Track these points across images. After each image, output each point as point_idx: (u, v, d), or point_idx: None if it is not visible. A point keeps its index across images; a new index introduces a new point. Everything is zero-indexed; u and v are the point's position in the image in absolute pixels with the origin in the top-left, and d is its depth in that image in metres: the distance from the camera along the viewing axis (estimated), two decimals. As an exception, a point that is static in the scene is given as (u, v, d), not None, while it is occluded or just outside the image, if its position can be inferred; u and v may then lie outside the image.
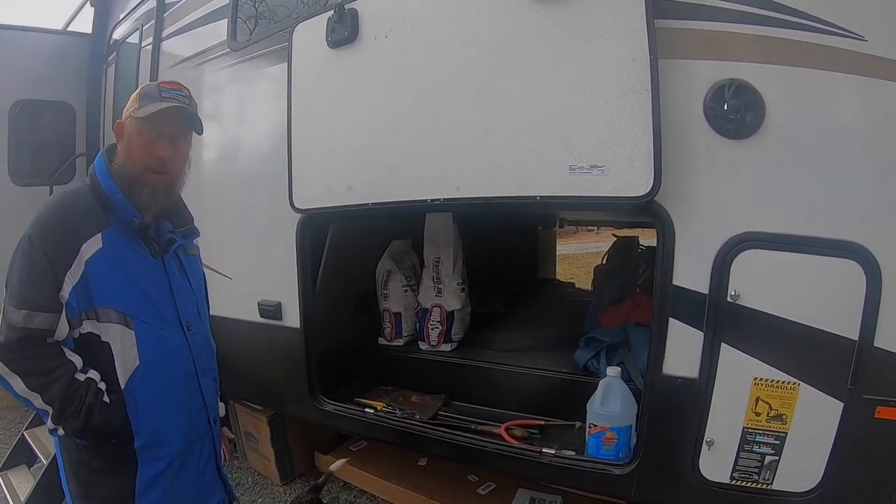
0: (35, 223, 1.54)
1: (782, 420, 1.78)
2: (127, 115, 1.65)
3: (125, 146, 1.66)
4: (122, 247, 1.62)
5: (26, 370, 1.51)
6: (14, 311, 1.48)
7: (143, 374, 1.64)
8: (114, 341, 1.61)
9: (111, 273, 1.60)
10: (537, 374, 2.62)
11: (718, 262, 1.79)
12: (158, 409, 1.67)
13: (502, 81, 2.03)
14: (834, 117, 1.70)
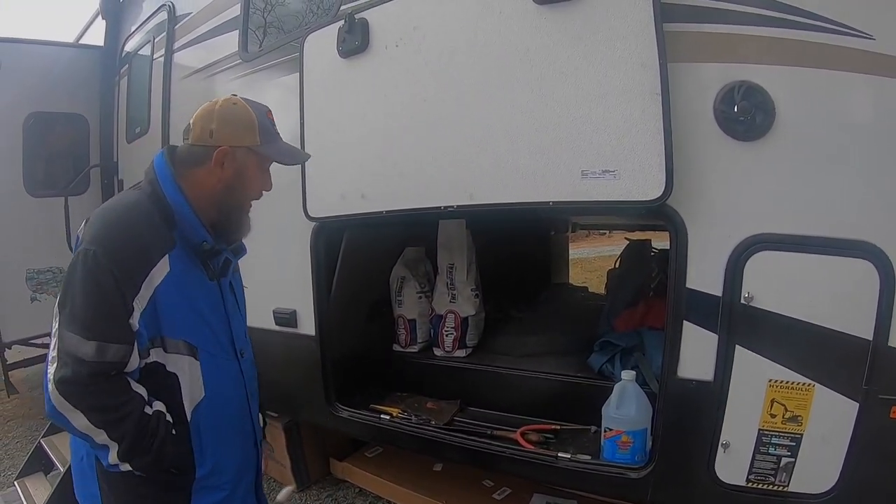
0: (98, 239, 1.40)
1: (798, 421, 1.77)
2: (239, 144, 1.57)
3: (233, 175, 1.59)
4: (185, 270, 1.53)
5: (92, 406, 1.37)
6: (82, 341, 1.34)
7: (207, 405, 1.58)
8: (181, 373, 1.53)
9: (179, 301, 1.51)
10: (552, 378, 2.63)
11: (732, 264, 1.78)
12: (219, 439, 1.61)
13: (513, 88, 2.04)
14: (844, 117, 1.70)
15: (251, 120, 1.59)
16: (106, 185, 4.52)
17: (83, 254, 1.38)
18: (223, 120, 1.56)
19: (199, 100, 3.32)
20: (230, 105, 1.59)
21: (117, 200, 1.57)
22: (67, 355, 1.34)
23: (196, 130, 1.57)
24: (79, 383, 1.35)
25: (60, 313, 1.38)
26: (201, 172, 1.57)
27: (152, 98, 3.88)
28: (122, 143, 4.32)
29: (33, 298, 4.29)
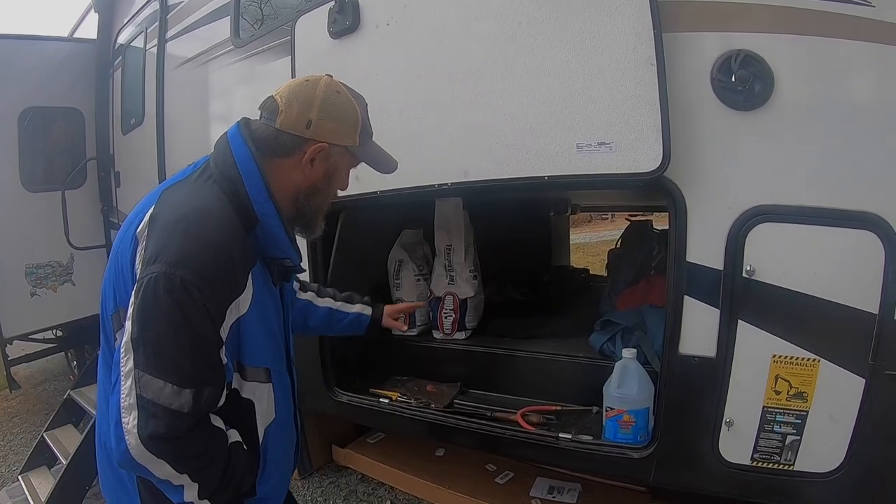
0: (182, 263, 1.14)
1: (803, 398, 1.75)
2: (337, 142, 1.37)
3: (322, 176, 1.39)
4: (262, 285, 1.33)
5: (181, 456, 1.17)
6: (176, 391, 1.12)
7: (274, 426, 1.42)
8: (258, 400, 1.36)
9: (259, 327, 1.33)
10: (552, 359, 2.60)
11: (732, 237, 1.76)
12: (278, 456, 1.46)
13: (506, 63, 2.01)
14: (845, 85, 1.67)
15: (355, 116, 1.39)
16: (102, 177, 4.51)
17: (165, 280, 1.12)
18: (326, 111, 1.33)
19: (193, 88, 3.36)
20: (334, 93, 1.36)
21: (194, 203, 1.25)
22: (156, 407, 1.12)
23: (290, 114, 1.32)
24: (176, 438, 1.14)
25: (136, 351, 1.13)
26: (286, 164, 1.35)
27: (146, 89, 3.87)
28: (118, 136, 4.31)
29: (33, 293, 4.29)
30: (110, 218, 4.50)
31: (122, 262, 1.25)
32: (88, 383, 4.08)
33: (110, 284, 1.30)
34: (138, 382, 1.12)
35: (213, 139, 3.21)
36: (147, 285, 1.13)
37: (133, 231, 1.24)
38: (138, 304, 1.13)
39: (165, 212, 1.23)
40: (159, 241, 1.17)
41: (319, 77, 1.37)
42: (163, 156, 3.67)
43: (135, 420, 1.12)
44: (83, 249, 4.48)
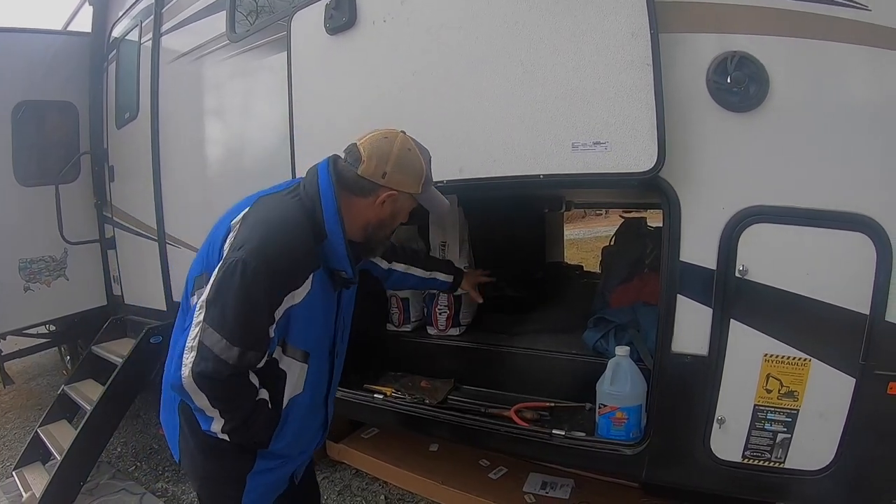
0: (258, 254, 1.48)
1: (794, 397, 1.77)
2: (404, 190, 1.68)
3: (389, 215, 1.73)
4: (319, 286, 1.64)
5: (218, 395, 1.52)
6: (228, 346, 1.46)
7: (300, 399, 1.74)
8: (291, 372, 1.69)
9: (308, 315, 1.64)
10: (546, 356, 2.61)
11: (726, 236, 1.78)
12: (299, 425, 1.77)
13: (502, 61, 2.01)
14: (840, 88, 1.68)
15: (420, 170, 1.69)
16: (96, 171, 4.47)
17: (242, 264, 1.46)
18: (398, 166, 1.65)
19: (188, 83, 3.34)
20: (405, 150, 1.67)
21: (279, 212, 1.61)
22: (210, 353, 1.47)
23: (370, 165, 1.63)
24: (217, 380, 1.49)
25: (208, 309, 1.49)
26: (362, 203, 1.68)
27: (141, 83, 3.84)
28: (112, 130, 4.27)
29: (26, 288, 4.26)
30: (104, 212, 4.47)
31: (215, 240, 1.63)
32: (82, 378, 4.07)
33: (203, 254, 1.67)
34: (203, 332, 1.48)
35: (208, 134, 3.24)
36: (230, 265, 1.48)
37: (229, 221, 1.61)
38: (220, 276, 1.49)
39: (257, 213, 1.60)
40: (246, 233, 1.54)
41: (396, 134, 1.70)
42: (157, 150, 3.65)
43: (192, 358, 1.48)
44: (77, 244, 4.46)
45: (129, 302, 4.32)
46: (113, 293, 4.58)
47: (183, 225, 3.58)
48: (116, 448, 4.14)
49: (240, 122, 3.24)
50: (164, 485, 3.61)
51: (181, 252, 3.53)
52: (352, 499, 3.30)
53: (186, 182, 3.52)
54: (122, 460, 4.01)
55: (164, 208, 3.68)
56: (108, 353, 3.92)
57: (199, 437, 1.65)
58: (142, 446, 4.15)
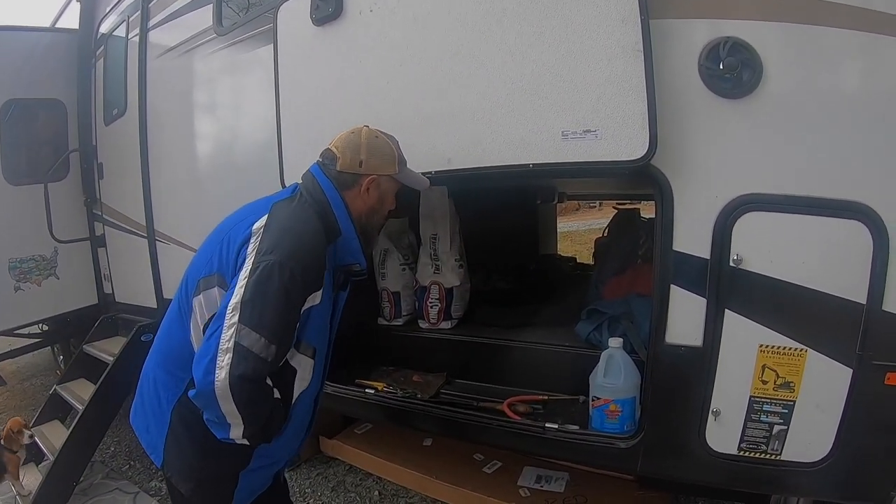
0: (292, 257, 1.54)
1: (790, 388, 1.75)
2: (383, 172, 1.80)
3: (377, 200, 1.83)
4: (328, 286, 1.71)
5: (248, 399, 1.51)
6: (267, 344, 1.49)
7: (304, 396, 1.77)
8: (301, 368, 1.72)
9: (320, 314, 1.71)
10: (538, 348, 2.60)
11: (719, 225, 1.75)
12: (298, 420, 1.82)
13: (490, 49, 1.98)
14: (834, 74, 1.66)
15: (392, 152, 1.82)
16: (85, 169, 4.43)
17: (280, 267, 1.51)
18: (371, 151, 1.78)
19: (176, 77, 3.31)
20: (373, 138, 1.81)
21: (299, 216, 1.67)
22: (249, 352, 1.47)
23: (345, 159, 1.76)
24: (257, 380, 1.51)
25: (244, 310, 1.49)
26: (350, 195, 1.78)
27: (128, 79, 3.81)
28: (101, 126, 4.24)
29: (17, 288, 4.22)
30: (94, 210, 4.44)
31: (231, 242, 1.64)
32: (74, 378, 4.06)
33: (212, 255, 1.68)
34: (239, 333, 1.47)
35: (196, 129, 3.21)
36: (265, 268, 1.51)
37: (249, 224, 1.63)
38: (255, 279, 1.51)
39: (278, 220, 1.63)
40: (274, 238, 1.57)
41: (361, 128, 1.84)
42: (145, 146, 3.62)
43: (229, 360, 1.46)
44: (67, 243, 4.42)
45: (120, 300, 4.29)
46: (104, 291, 4.55)
47: (172, 221, 3.55)
48: (110, 447, 4.13)
49: (228, 115, 3.22)
50: (158, 483, 3.59)
51: (171, 249, 3.50)
52: (346, 495, 3.29)
53: (175, 178, 3.49)
54: (116, 459, 4.00)
55: (154, 205, 3.65)
56: (100, 352, 3.91)
57: (196, 439, 1.65)
58: (135, 445, 4.12)
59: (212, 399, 1.48)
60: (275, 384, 1.63)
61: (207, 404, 1.51)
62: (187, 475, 1.74)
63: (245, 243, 1.60)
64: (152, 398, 1.77)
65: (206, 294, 1.65)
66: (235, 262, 1.60)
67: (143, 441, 1.81)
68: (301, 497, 3.28)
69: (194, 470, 1.72)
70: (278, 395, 1.64)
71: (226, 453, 1.66)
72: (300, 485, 3.39)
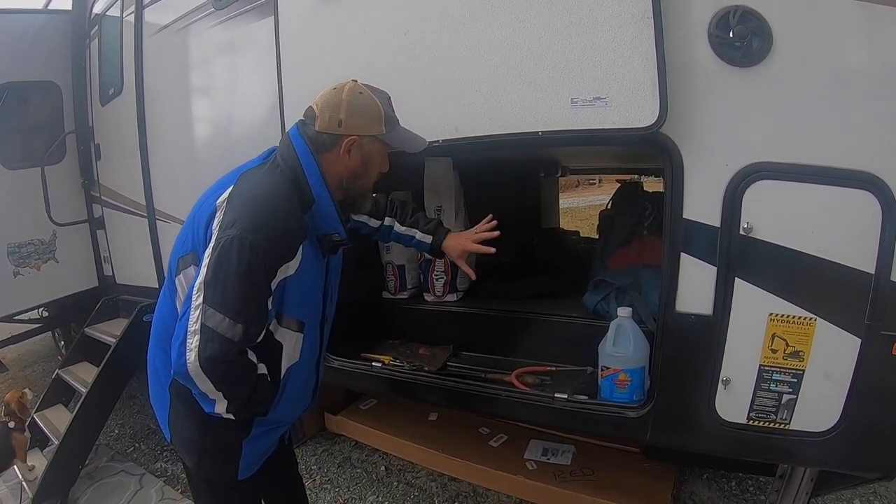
0: (253, 229, 1.48)
1: (799, 357, 1.75)
2: (366, 133, 1.67)
3: (360, 163, 1.70)
4: (309, 256, 1.65)
5: (224, 377, 1.51)
6: (232, 324, 1.46)
7: (296, 367, 1.76)
8: (286, 343, 1.70)
9: (300, 284, 1.64)
10: (545, 319, 2.60)
11: (730, 193, 1.74)
12: (293, 393, 1.80)
13: (497, 16, 1.95)
14: (845, 43, 1.63)
15: (378, 110, 1.68)
16: (82, 151, 4.39)
17: (239, 241, 1.46)
18: (352, 110, 1.64)
19: (173, 55, 3.27)
20: (356, 94, 1.66)
21: (266, 185, 1.60)
22: (215, 334, 1.45)
23: (323, 118, 1.65)
24: (225, 361, 1.48)
25: (206, 290, 1.47)
26: (329, 157, 1.66)
27: (124, 58, 3.76)
28: (97, 107, 4.19)
29: (16, 273, 4.20)
30: (92, 192, 4.40)
31: (200, 219, 1.60)
32: (76, 361, 4.06)
33: (187, 234, 1.65)
34: (204, 314, 1.45)
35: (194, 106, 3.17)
36: (224, 243, 1.46)
37: (214, 200, 1.58)
38: (215, 256, 1.47)
39: (242, 191, 1.58)
40: (236, 211, 1.52)
41: (345, 83, 1.69)
42: (143, 125, 3.58)
43: (197, 342, 1.45)
44: (65, 226, 4.39)
45: (121, 282, 4.28)
46: (104, 274, 4.53)
47: (172, 199, 3.52)
48: (114, 430, 4.15)
49: (227, 91, 3.17)
50: (164, 464, 3.61)
51: (172, 227, 3.46)
52: (352, 470, 3.31)
53: (174, 155, 3.46)
54: (120, 442, 4.02)
55: (153, 183, 3.61)
56: (102, 335, 3.90)
57: (195, 412, 1.64)
58: (139, 427, 4.14)
59: (188, 379, 1.49)
60: (260, 359, 1.62)
61: (188, 383, 1.52)
62: (189, 448, 1.77)
63: (211, 219, 1.56)
64: (155, 377, 1.80)
65: (185, 273, 1.63)
66: (205, 238, 1.56)
67: (157, 416, 1.84)
68: (307, 474, 3.29)
69: (195, 443, 1.74)
70: (264, 369, 1.63)
71: (225, 425, 1.66)
72: (306, 462, 3.41)
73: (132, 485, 3.42)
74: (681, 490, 2.90)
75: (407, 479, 3.20)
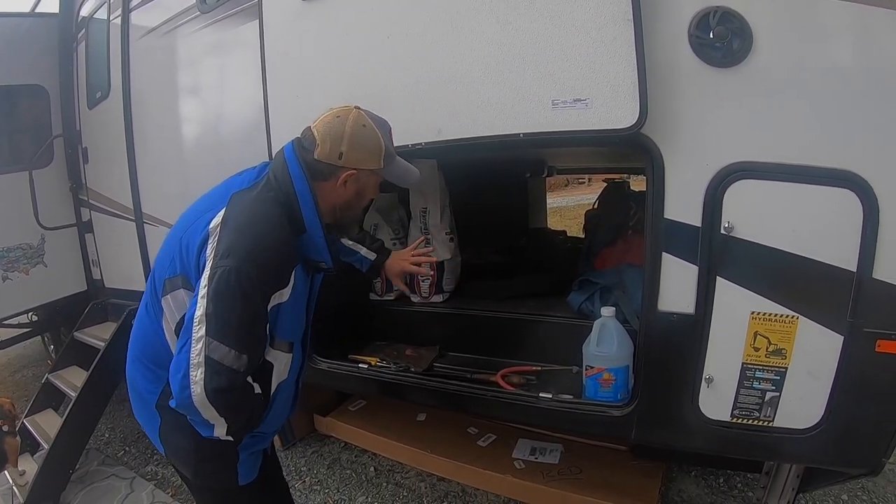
0: (249, 260, 1.46)
1: (782, 355, 1.76)
2: (364, 167, 1.65)
3: (354, 195, 1.70)
4: (300, 278, 1.65)
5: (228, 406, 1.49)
6: (238, 355, 1.45)
7: (284, 384, 1.76)
8: (277, 363, 1.68)
9: (291, 309, 1.65)
10: (531, 319, 2.61)
11: (710, 193, 1.75)
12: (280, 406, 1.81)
13: (479, 19, 1.96)
14: (825, 43, 1.64)
15: (379, 144, 1.65)
16: (70, 154, 4.38)
17: (237, 273, 1.44)
18: (353, 144, 1.61)
19: (160, 57, 3.26)
20: (360, 127, 1.63)
21: (259, 213, 1.56)
22: (221, 366, 1.43)
23: (324, 148, 1.61)
24: (233, 391, 1.47)
25: (208, 323, 1.43)
26: (325, 186, 1.65)
27: (111, 61, 3.75)
28: (84, 110, 4.18)
29: (4, 277, 4.18)
30: (80, 196, 4.39)
31: (190, 243, 1.55)
32: (66, 365, 4.04)
33: (173, 255, 1.60)
34: (208, 346, 1.42)
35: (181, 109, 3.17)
36: (222, 275, 1.44)
37: (206, 223, 1.54)
38: (213, 287, 1.44)
39: (236, 216, 1.54)
40: (231, 239, 1.48)
41: (349, 111, 1.65)
42: (130, 128, 3.57)
43: (202, 375, 1.42)
44: (54, 229, 4.37)
45: (110, 285, 4.26)
46: (92, 277, 4.52)
47: (160, 203, 3.51)
48: (104, 434, 4.13)
49: (213, 94, 3.17)
50: (154, 468, 3.60)
51: (160, 231, 3.46)
52: (341, 471, 3.31)
53: (162, 159, 3.45)
54: (111, 446, 4.00)
55: (140, 187, 3.61)
56: (91, 338, 3.89)
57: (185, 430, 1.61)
58: (129, 431, 4.12)
59: (192, 410, 1.46)
60: (254, 380, 1.60)
61: (189, 413, 1.49)
62: (186, 458, 1.74)
63: (204, 245, 1.52)
64: (136, 395, 1.77)
65: (174, 295, 1.61)
66: (197, 264, 1.53)
67: (148, 433, 1.80)
68: (297, 475, 3.30)
69: (191, 456, 1.72)
70: (259, 389, 1.62)
71: None
72: (296, 463, 3.41)
73: (123, 488, 3.40)
74: (669, 487, 2.92)
75: (396, 479, 3.21)
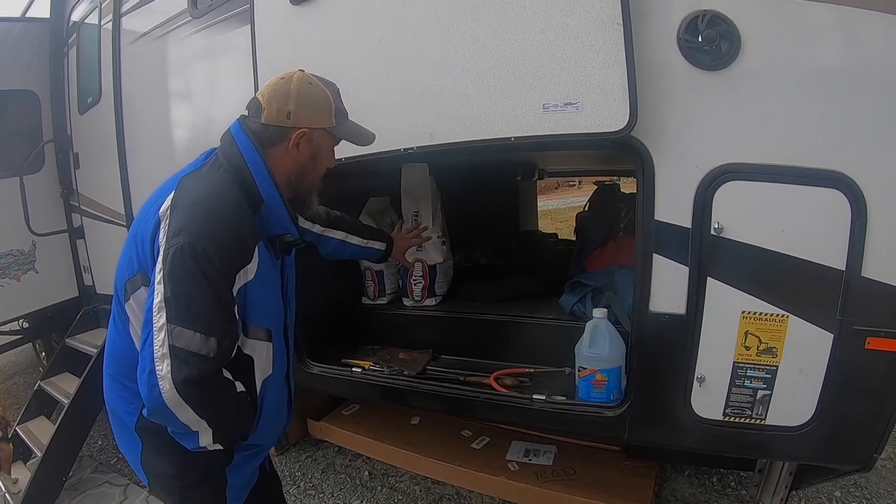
0: (203, 234, 1.35)
1: (773, 353, 1.77)
2: (316, 125, 1.58)
3: (308, 157, 1.60)
4: (265, 259, 1.54)
5: (205, 401, 1.36)
6: (205, 339, 1.33)
7: (271, 381, 1.64)
8: (257, 355, 1.57)
9: (262, 293, 1.54)
10: (523, 322, 2.62)
11: (700, 195, 1.76)
12: (271, 408, 1.69)
13: (470, 23, 1.97)
14: (813, 46, 1.66)
15: (328, 101, 1.59)
16: (61, 160, 4.36)
17: (191, 248, 1.34)
18: (301, 101, 1.54)
19: (151, 62, 3.26)
20: (306, 85, 1.56)
21: (210, 188, 1.47)
22: (187, 353, 1.32)
23: (271, 110, 1.53)
24: (205, 381, 1.35)
25: (168, 308, 1.33)
26: (277, 152, 1.56)
27: (102, 66, 3.75)
28: (75, 115, 4.18)
29: (-5, 284, 4.16)
30: (71, 201, 4.37)
31: (143, 235, 1.46)
32: (58, 372, 4.02)
33: (130, 254, 1.50)
34: (171, 334, 1.31)
35: (173, 114, 3.16)
36: (175, 253, 1.34)
37: (156, 211, 1.43)
38: (167, 269, 1.34)
39: (185, 196, 1.44)
40: (182, 218, 1.38)
41: (293, 73, 1.58)
42: (122, 133, 3.58)
43: (168, 366, 1.30)
44: (45, 235, 4.35)
45: (101, 291, 4.25)
46: (84, 284, 4.49)
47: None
48: (97, 441, 4.11)
49: (205, 99, 3.18)
50: (147, 474, 3.58)
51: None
52: (335, 476, 3.31)
53: (153, 164, 3.44)
54: (104, 453, 3.98)
55: (132, 192, 3.60)
56: (83, 345, 3.88)
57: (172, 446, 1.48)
58: (122, 437, 4.10)
59: (166, 412, 1.33)
60: (235, 377, 1.47)
61: (165, 419, 1.36)
62: (170, 487, 1.62)
63: (156, 231, 1.41)
64: (116, 419, 1.66)
65: (135, 297, 1.49)
66: (152, 254, 1.41)
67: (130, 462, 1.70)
68: (291, 480, 3.29)
69: (174, 483, 1.59)
70: (242, 387, 1.49)
71: (203, 457, 1.50)
72: (290, 468, 3.41)
73: (116, 496, 3.39)
74: (663, 487, 2.93)
75: (390, 483, 3.22)
